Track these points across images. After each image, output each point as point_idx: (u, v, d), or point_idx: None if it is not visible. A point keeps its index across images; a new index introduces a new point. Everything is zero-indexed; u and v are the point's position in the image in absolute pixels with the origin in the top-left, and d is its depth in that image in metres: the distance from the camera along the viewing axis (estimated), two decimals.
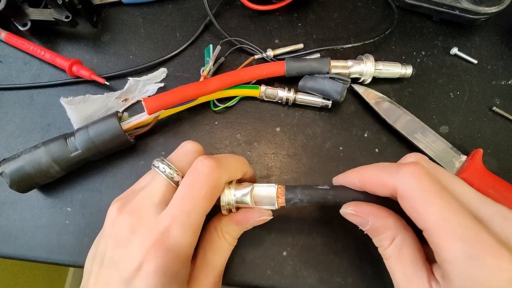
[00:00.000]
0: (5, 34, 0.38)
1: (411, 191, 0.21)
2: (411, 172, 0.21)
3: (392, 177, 0.22)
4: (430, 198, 0.20)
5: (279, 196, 0.26)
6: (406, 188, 0.21)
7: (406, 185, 0.21)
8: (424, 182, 0.20)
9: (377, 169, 0.23)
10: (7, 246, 0.32)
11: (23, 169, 0.30)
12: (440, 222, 0.19)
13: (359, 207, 0.24)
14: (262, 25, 0.40)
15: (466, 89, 0.37)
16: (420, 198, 0.20)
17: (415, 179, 0.21)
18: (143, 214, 0.23)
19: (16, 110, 0.36)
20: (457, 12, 0.36)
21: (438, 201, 0.20)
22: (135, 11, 0.40)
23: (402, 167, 0.22)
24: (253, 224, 0.27)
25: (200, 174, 0.24)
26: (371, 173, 0.24)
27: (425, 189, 0.20)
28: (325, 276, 0.30)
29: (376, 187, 0.23)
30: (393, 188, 0.22)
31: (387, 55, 0.38)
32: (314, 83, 0.34)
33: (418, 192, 0.20)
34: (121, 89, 0.36)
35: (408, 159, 0.25)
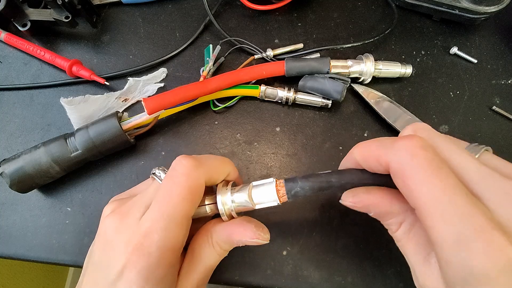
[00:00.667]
0: (5, 35, 0.38)
1: (403, 168, 0.19)
2: (404, 146, 0.19)
3: (386, 152, 0.20)
4: (423, 176, 0.18)
5: (279, 189, 0.24)
6: (398, 164, 0.19)
7: (398, 161, 0.19)
8: (418, 157, 0.18)
9: (373, 144, 0.22)
10: (7, 246, 0.32)
11: (23, 169, 0.30)
12: (431, 202, 0.17)
13: (357, 198, 0.23)
14: (261, 25, 0.40)
15: (466, 89, 0.37)
16: (412, 175, 0.18)
17: (408, 154, 0.19)
18: (130, 218, 0.23)
19: (16, 110, 0.36)
20: (457, 12, 0.36)
21: (431, 179, 0.18)
22: (134, 11, 0.41)
23: (397, 141, 0.20)
24: (245, 242, 0.25)
25: (178, 175, 0.23)
26: (368, 148, 0.22)
27: (418, 166, 0.18)
28: (325, 275, 0.30)
29: (372, 163, 0.21)
30: (387, 164, 0.20)
31: (387, 55, 0.38)
32: (314, 83, 0.34)
33: (410, 168, 0.18)
34: (121, 89, 0.36)
35: (406, 131, 0.23)
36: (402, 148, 0.19)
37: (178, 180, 0.23)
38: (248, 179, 0.33)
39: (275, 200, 0.24)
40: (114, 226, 0.23)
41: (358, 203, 0.23)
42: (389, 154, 0.20)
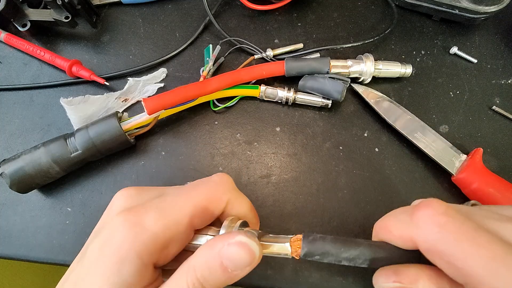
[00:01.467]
0: (4, 35, 0.38)
1: (436, 245, 0.17)
2: (425, 218, 0.17)
3: (408, 230, 0.18)
4: (462, 249, 0.16)
5: (294, 247, 0.21)
6: (428, 243, 0.17)
7: (426, 238, 0.17)
8: (448, 227, 0.17)
9: (390, 223, 0.20)
10: (7, 246, 0.32)
11: (23, 169, 0.30)
12: (487, 276, 0.15)
13: (403, 273, 0.19)
14: (261, 25, 0.40)
15: (466, 88, 0.37)
16: (450, 252, 0.16)
17: (435, 227, 0.17)
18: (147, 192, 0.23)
19: (16, 110, 0.36)
20: (457, 11, 0.36)
21: (474, 249, 0.16)
22: (134, 11, 0.40)
23: (415, 213, 0.18)
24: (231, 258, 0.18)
25: (209, 180, 0.22)
26: (387, 229, 0.20)
27: (451, 238, 0.16)
28: (326, 275, 0.30)
29: (398, 242, 0.19)
30: (414, 242, 0.18)
31: (387, 55, 0.38)
32: (314, 83, 0.34)
33: (445, 243, 0.16)
34: (121, 90, 0.36)
35: (417, 201, 0.21)
36: (423, 221, 0.17)
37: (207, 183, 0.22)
38: (248, 179, 0.33)
39: (287, 254, 0.21)
40: (127, 193, 0.22)
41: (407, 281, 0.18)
42: (412, 233, 0.18)
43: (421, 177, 0.33)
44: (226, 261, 0.18)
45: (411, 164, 0.34)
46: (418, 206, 0.18)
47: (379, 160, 0.34)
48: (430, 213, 0.17)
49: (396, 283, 0.18)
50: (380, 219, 0.21)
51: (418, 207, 0.18)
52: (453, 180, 0.32)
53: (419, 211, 0.18)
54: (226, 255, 0.18)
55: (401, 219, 0.19)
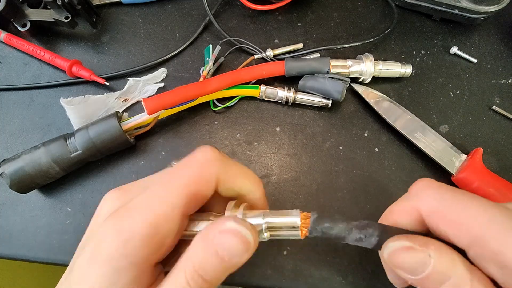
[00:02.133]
0: (4, 35, 0.38)
1: (439, 205, 0.18)
2: (423, 185, 0.19)
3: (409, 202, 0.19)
4: (465, 201, 0.17)
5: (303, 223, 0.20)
6: (431, 204, 0.18)
7: (428, 200, 0.18)
8: (444, 187, 0.18)
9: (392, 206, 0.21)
10: (7, 246, 0.32)
11: (23, 169, 0.30)
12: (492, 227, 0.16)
13: (415, 238, 0.18)
14: (261, 25, 0.40)
15: (466, 88, 0.37)
16: (453, 207, 0.17)
17: (433, 189, 0.18)
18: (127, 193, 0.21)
19: (16, 110, 0.36)
20: (457, 11, 0.36)
21: (477, 200, 0.17)
22: (134, 11, 0.40)
23: (411, 188, 0.20)
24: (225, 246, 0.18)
25: (192, 161, 0.20)
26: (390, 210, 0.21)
27: (451, 195, 0.18)
28: (326, 275, 0.30)
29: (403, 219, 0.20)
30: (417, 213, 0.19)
31: (387, 55, 0.38)
32: (314, 83, 0.34)
33: (447, 200, 0.18)
34: (121, 90, 0.36)
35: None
36: (421, 189, 0.19)
37: (187, 164, 0.20)
38: None
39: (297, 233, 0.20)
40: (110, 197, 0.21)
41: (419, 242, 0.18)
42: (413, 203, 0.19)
43: (421, 177, 0.33)
44: (221, 250, 0.18)
45: (411, 164, 0.34)
46: (413, 184, 0.20)
47: (379, 160, 0.34)
48: (425, 183, 0.19)
49: (406, 242, 0.18)
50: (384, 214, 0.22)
51: (412, 185, 0.20)
52: (453, 180, 0.32)
53: (415, 185, 0.20)
54: (219, 244, 0.18)
55: (400, 199, 0.20)
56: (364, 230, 0.19)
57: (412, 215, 0.19)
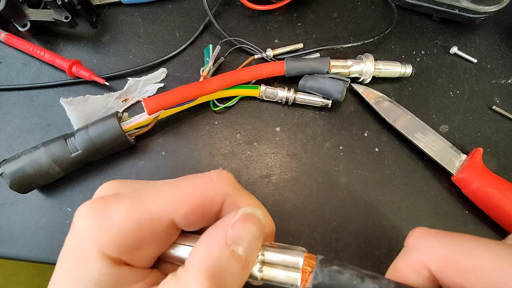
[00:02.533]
0: (4, 35, 0.38)
1: (443, 253, 0.17)
2: (419, 235, 0.18)
3: (410, 256, 0.18)
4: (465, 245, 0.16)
5: (305, 271, 0.17)
6: (435, 255, 0.17)
7: (431, 251, 0.17)
8: (443, 233, 0.17)
9: (396, 265, 0.19)
10: (7, 246, 0.32)
11: (23, 169, 0.30)
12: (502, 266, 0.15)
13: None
14: (261, 25, 0.40)
15: (466, 88, 0.37)
16: (458, 252, 0.16)
17: (430, 237, 0.17)
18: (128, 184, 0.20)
19: (16, 111, 0.36)
20: (457, 11, 0.36)
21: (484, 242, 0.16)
22: (134, 12, 0.40)
23: (408, 241, 0.18)
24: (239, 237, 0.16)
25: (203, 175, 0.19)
26: (395, 270, 0.19)
27: (449, 240, 0.17)
28: None
29: (412, 278, 0.18)
30: (424, 268, 0.17)
31: (387, 55, 0.38)
32: (314, 82, 0.34)
33: (447, 246, 0.17)
34: (121, 90, 0.36)
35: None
36: (420, 240, 0.18)
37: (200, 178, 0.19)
38: (248, 179, 0.33)
39: (296, 277, 0.17)
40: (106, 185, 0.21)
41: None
42: (418, 258, 0.17)
43: (421, 177, 0.33)
44: (235, 246, 0.16)
45: (411, 164, 0.34)
46: (408, 237, 0.19)
47: (379, 160, 0.34)
48: (421, 232, 0.18)
49: None
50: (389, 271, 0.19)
51: (408, 238, 0.18)
52: (453, 180, 0.32)
53: (411, 237, 0.18)
54: (234, 239, 0.16)
55: (401, 256, 0.18)
56: (379, 281, 0.16)
57: (420, 271, 0.17)
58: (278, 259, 0.17)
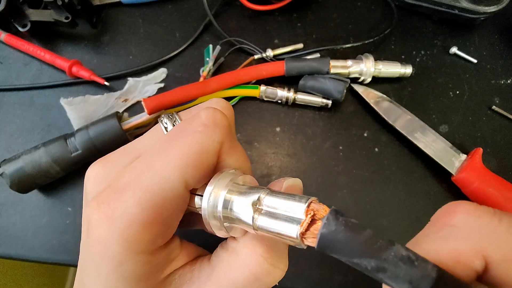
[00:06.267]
0: (5, 35, 0.38)
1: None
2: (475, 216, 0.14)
3: (460, 242, 0.13)
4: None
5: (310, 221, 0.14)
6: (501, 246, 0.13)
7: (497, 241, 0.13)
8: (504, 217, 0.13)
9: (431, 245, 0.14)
10: (7, 246, 0.32)
11: (23, 169, 0.30)
12: None
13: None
14: (261, 25, 0.40)
15: (466, 88, 0.37)
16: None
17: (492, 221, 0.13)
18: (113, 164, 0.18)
19: (16, 111, 0.36)
20: (457, 12, 0.36)
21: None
22: (134, 12, 0.41)
23: (451, 218, 0.14)
24: None
25: (196, 124, 0.16)
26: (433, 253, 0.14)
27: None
28: (326, 274, 0.30)
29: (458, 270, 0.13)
30: (480, 258, 0.13)
31: (387, 55, 0.38)
32: (315, 82, 0.34)
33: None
34: (121, 90, 0.36)
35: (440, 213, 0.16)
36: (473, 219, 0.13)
37: (193, 129, 0.17)
38: None
39: (294, 234, 0.14)
40: (93, 174, 0.18)
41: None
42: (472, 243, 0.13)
43: (421, 177, 0.33)
44: None
45: (411, 164, 0.34)
46: (446, 214, 0.15)
47: (379, 160, 0.34)
48: (473, 208, 0.14)
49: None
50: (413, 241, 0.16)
51: (446, 215, 0.14)
52: (453, 180, 0.32)
53: (455, 214, 0.14)
54: None
55: (440, 238, 0.14)
56: (413, 253, 0.12)
57: (473, 262, 0.13)
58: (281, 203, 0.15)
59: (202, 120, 0.17)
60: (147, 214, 0.15)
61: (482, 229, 0.13)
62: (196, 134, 0.16)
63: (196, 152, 0.16)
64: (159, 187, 0.15)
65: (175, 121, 0.19)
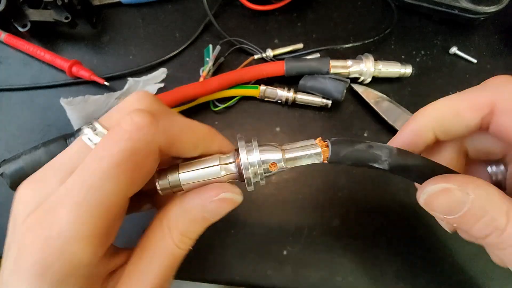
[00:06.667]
0: (5, 35, 0.38)
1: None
2: (504, 80, 0.18)
3: (483, 92, 0.19)
4: None
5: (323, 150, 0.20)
6: (508, 99, 0.17)
7: (507, 95, 0.17)
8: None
9: (452, 97, 0.20)
10: None
11: (23, 170, 0.30)
12: None
13: (451, 177, 0.17)
14: (261, 25, 0.40)
15: (466, 88, 0.37)
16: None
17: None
18: (43, 183, 0.18)
19: (16, 111, 0.36)
20: (456, 12, 0.36)
21: None
22: (134, 12, 0.41)
23: (489, 81, 0.19)
24: (214, 211, 0.18)
25: (121, 133, 0.16)
26: (448, 102, 0.20)
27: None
28: (326, 275, 0.30)
29: (469, 115, 0.19)
30: (488, 106, 0.18)
31: (387, 55, 0.38)
32: (315, 82, 0.34)
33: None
34: (121, 90, 0.36)
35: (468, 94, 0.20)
36: (502, 81, 0.18)
37: (117, 139, 0.16)
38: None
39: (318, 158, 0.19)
40: (23, 196, 0.18)
41: (458, 182, 0.17)
42: (488, 94, 0.18)
43: None
44: (207, 214, 0.18)
45: None
46: (490, 78, 0.19)
47: None
48: (508, 78, 0.18)
49: (443, 184, 0.17)
50: (430, 107, 0.21)
51: (490, 79, 0.19)
52: None
53: (495, 78, 0.19)
54: (208, 210, 0.18)
55: (472, 90, 0.19)
56: (383, 148, 0.19)
57: (482, 110, 0.18)
58: (301, 156, 0.20)
59: (125, 128, 0.16)
60: (85, 228, 0.15)
61: (501, 88, 0.18)
62: (123, 144, 0.16)
63: (128, 161, 0.16)
64: (94, 201, 0.16)
65: (96, 129, 0.19)
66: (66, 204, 0.16)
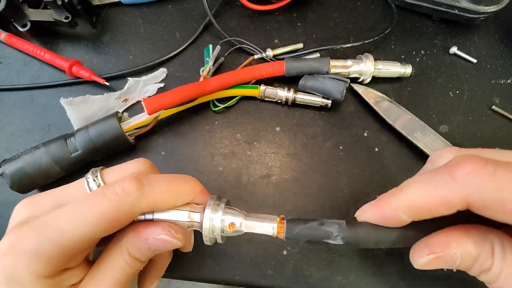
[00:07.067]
0: (5, 35, 0.38)
1: (499, 193, 0.16)
2: (475, 172, 0.17)
3: (453, 190, 0.17)
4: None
5: (279, 226, 0.22)
6: (486, 194, 0.17)
7: (484, 190, 0.17)
8: (500, 172, 0.16)
9: (422, 188, 0.19)
10: None
11: (23, 170, 0.30)
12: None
13: (434, 244, 0.19)
14: (261, 25, 0.40)
15: (466, 88, 0.37)
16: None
17: (489, 177, 0.17)
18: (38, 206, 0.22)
19: (16, 111, 0.36)
20: (456, 11, 0.36)
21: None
22: (134, 12, 0.41)
23: (456, 169, 0.18)
24: (154, 246, 0.21)
25: (109, 193, 0.20)
26: (418, 196, 0.19)
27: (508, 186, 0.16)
28: (326, 275, 0.30)
29: (435, 210, 0.18)
30: (462, 203, 0.17)
31: (387, 55, 0.38)
32: (315, 82, 0.34)
33: (502, 192, 0.16)
34: (121, 90, 0.36)
35: (444, 158, 0.20)
36: (473, 176, 0.17)
37: (107, 194, 0.20)
38: (248, 179, 0.33)
39: (272, 232, 0.22)
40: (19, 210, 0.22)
41: (440, 247, 0.19)
42: (459, 191, 0.17)
43: None
44: (153, 247, 0.22)
45: (411, 164, 0.34)
46: (455, 165, 0.18)
47: (379, 160, 0.34)
48: (473, 166, 0.17)
49: (431, 255, 0.19)
50: (397, 192, 0.20)
51: (457, 163, 0.18)
52: None
53: (459, 168, 0.17)
54: (152, 244, 0.21)
55: (438, 185, 0.18)
56: (331, 225, 0.21)
57: (455, 206, 0.18)
58: (257, 227, 0.22)
59: (116, 190, 0.20)
60: (54, 250, 0.19)
61: (475, 186, 0.17)
62: (108, 202, 0.20)
63: (109, 215, 0.20)
64: (71, 233, 0.19)
65: (97, 177, 0.23)
66: (48, 228, 0.19)
